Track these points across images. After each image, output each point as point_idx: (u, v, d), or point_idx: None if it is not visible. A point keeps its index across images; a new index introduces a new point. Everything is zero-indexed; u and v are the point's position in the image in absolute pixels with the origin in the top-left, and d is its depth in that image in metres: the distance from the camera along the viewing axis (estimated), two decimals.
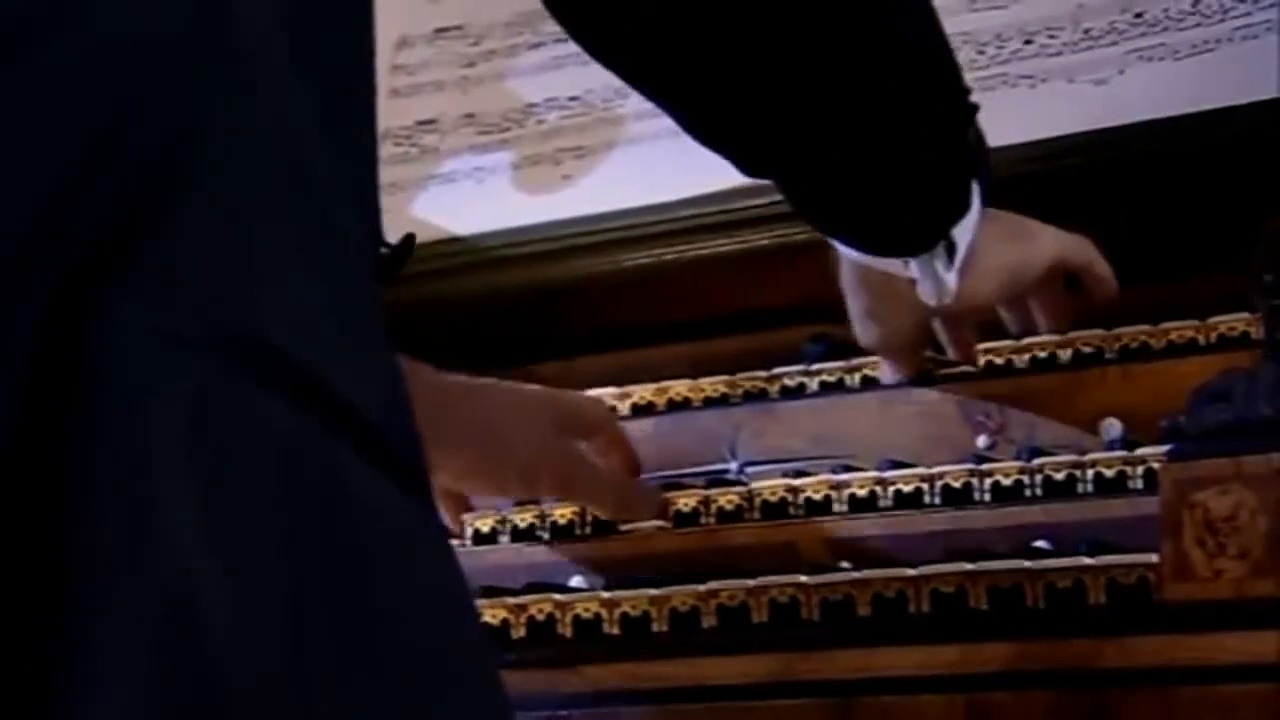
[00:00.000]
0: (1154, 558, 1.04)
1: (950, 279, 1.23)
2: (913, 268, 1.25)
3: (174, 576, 0.61)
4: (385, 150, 1.59)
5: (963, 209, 1.21)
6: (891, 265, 1.26)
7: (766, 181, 1.52)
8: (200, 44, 0.65)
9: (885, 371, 1.39)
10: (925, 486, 1.24)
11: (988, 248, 1.26)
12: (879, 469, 1.28)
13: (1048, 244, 1.32)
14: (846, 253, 1.29)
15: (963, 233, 1.22)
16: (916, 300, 1.27)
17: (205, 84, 0.65)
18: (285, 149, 0.67)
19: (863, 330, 1.36)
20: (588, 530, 1.33)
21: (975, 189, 1.22)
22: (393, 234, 0.82)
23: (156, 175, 0.63)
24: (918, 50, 1.16)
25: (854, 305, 1.35)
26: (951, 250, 1.23)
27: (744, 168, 1.19)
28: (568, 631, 1.20)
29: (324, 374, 0.66)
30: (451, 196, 1.66)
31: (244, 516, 0.63)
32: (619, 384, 1.47)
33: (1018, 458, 1.24)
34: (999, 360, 1.37)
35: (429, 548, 0.71)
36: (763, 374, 1.45)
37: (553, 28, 1.68)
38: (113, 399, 0.61)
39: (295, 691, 0.63)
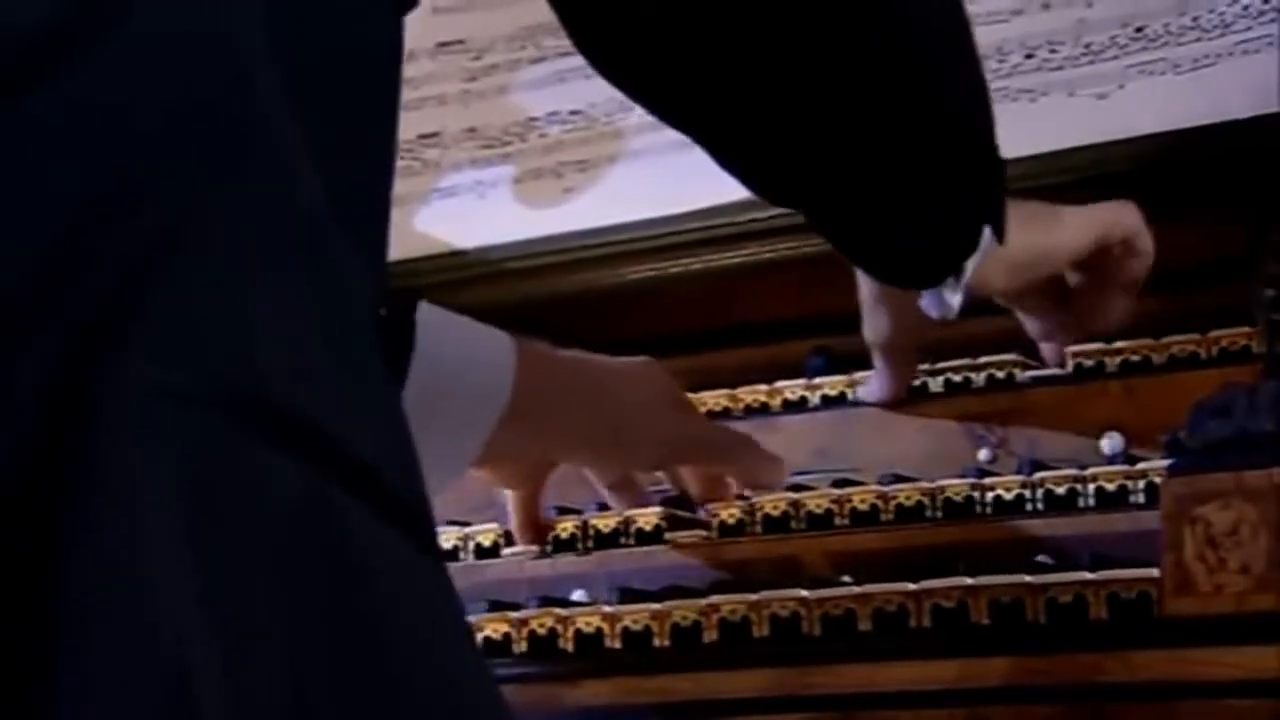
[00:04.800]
0: (1155, 572, 1.04)
1: (955, 301, 1.23)
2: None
3: (169, 660, 0.59)
4: None
5: (974, 247, 1.21)
6: None
7: None
8: (207, 99, 0.64)
9: (872, 387, 1.38)
10: (927, 500, 1.24)
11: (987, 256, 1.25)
12: (880, 482, 1.28)
13: (1073, 232, 1.29)
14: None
15: (972, 263, 1.22)
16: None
17: (210, 140, 0.64)
18: (287, 201, 0.66)
19: (872, 330, 1.35)
20: (589, 544, 1.33)
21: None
22: (395, 248, 0.82)
23: (160, 232, 0.62)
24: (956, 100, 1.15)
25: (867, 304, 1.34)
26: (959, 276, 1.23)
27: (761, 193, 1.21)
28: (569, 646, 1.20)
29: (328, 427, 0.65)
30: (453, 210, 1.66)
31: (244, 586, 0.62)
32: None
33: (1019, 471, 1.24)
34: (1000, 374, 1.37)
35: (440, 608, 0.69)
36: (764, 387, 1.45)
37: (555, 42, 1.68)
38: (111, 460, 0.60)
39: None
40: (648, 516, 1.31)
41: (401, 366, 1.04)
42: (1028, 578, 1.09)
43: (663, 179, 1.57)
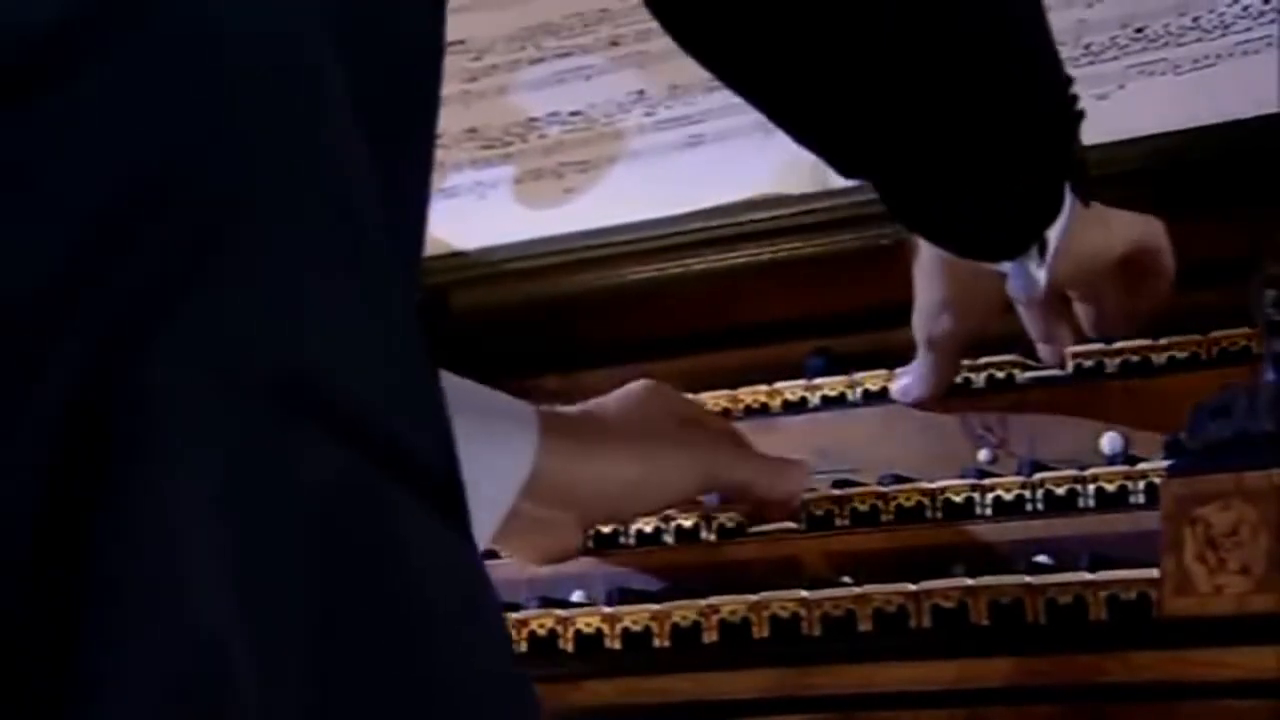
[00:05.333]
0: (1155, 573, 1.03)
1: (1041, 276, 1.23)
2: (1006, 265, 1.25)
3: (198, 653, 0.58)
4: None
5: (1058, 211, 1.21)
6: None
7: (768, 196, 1.53)
8: (260, 84, 0.64)
9: (905, 384, 1.37)
10: (927, 501, 1.24)
11: (1070, 238, 1.25)
12: (880, 483, 1.28)
13: (1122, 229, 1.30)
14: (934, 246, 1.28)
15: (1054, 231, 1.23)
16: (995, 293, 1.27)
17: (259, 127, 0.63)
18: (335, 192, 0.66)
19: (931, 322, 1.33)
20: (589, 544, 1.33)
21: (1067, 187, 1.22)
22: None
23: (203, 222, 0.61)
24: (1029, 50, 1.15)
25: (929, 295, 1.33)
26: (1044, 248, 1.23)
27: (837, 165, 1.19)
28: (569, 646, 1.20)
29: (372, 415, 0.64)
30: (454, 210, 1.66)
31: (277, 563, 0.61)
32: None
33: (1019, 472, 1.24)
34: (1000, 374, 1.37)
35: (476, 596, 0.68)
36: (764, 388, 1.45)
37: (555, 43, 1.68)
38: (147, 450, 0.59)
39: None
40: (646, 518, 1.31)
41: None
42: (1027, 578, 1.09)
43: (663, 180, 1.58)
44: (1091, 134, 1.32)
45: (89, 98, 0.60)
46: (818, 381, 1.43)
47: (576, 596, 1.29)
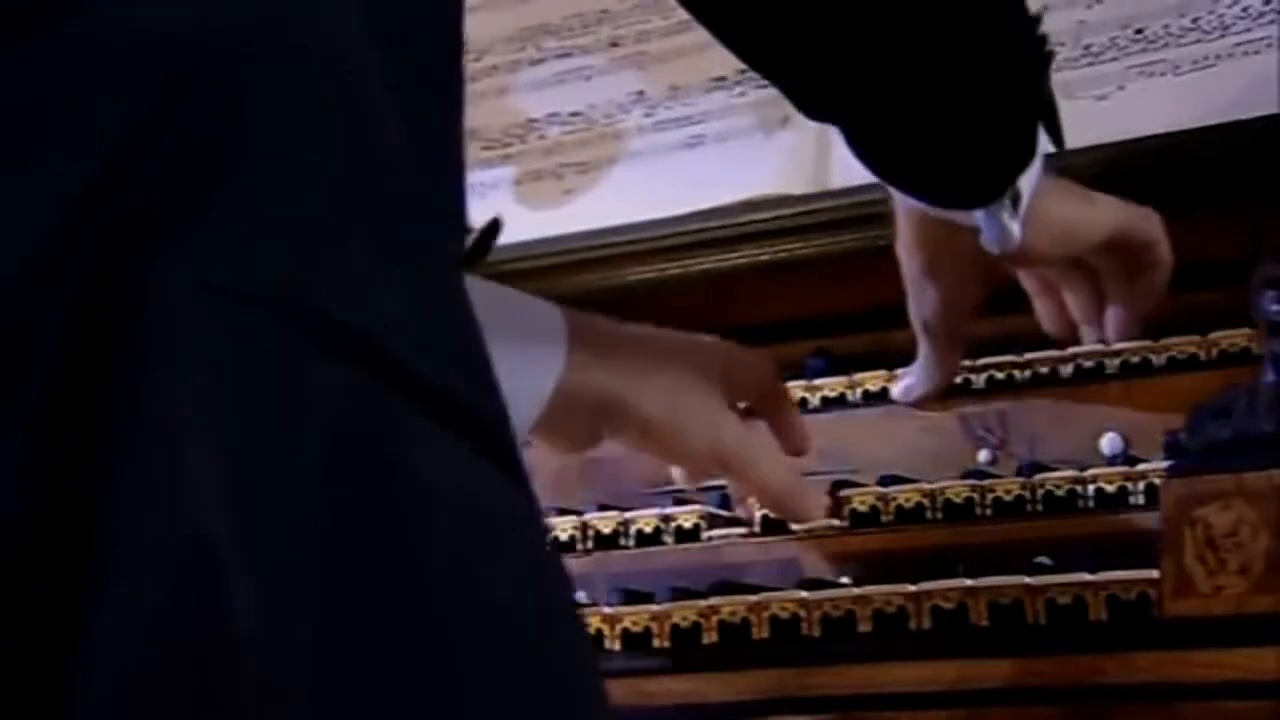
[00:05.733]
0: (1155, 573, 1.04)
1: (1015, 227, 1.23)
2: (978, 216, 1.24)
3: (191, 541, 0.58)
4: None
5: (1030, 156, 1.21)
6: (956, 215, 1.25)
7: (767, 196, 1.53)
8: (276, 8, 0.64)
9: (908, 384, 1.37)
10: (926, 501, 1.24)
11: (1048, 202, 1.24)
12: (880, 484, 1.28)
13: (1110, 210, 1.29)
14: (907, 205, 1.27)
15: (1027, 181, 1.22)
16: (976, 258, 1.26)
17: (276, 48, 0.64)
18: (358, 120, 0.66)
19: (917, 294, 1.32)
20: (589, 545, 1.33)
21: (1041, 135, 1.22)
22: None
23: (216, 138, 0.62)
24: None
25: (911, 265, 1.32)
26: (1016, 199, 1.22)
27: (804, 106, 1.18)
28: None
29: (390, 341, 0.64)
30: None
31: (282, 493, 0.61)
32: None
33: (1019, 473, 1.24)
34: (1000, 375, 1.37)
35: (515, 530, 0.67)
36: None
37: (555, 43, 1.68)
38: (154, 354, 0.60)
39: (317, 686, 0.60)
40: (647, 518, 1.31)
41: None
42: (1027, 579, 1.09)
43: (663, 181, 1.58)
44: (1092, 135, 1.32)
45: (112, 20, 0.61)
46: (818, 382, 1.43)
47: (577, 597, 1.29)
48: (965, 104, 1.16)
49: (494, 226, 1.05)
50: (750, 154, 1.54)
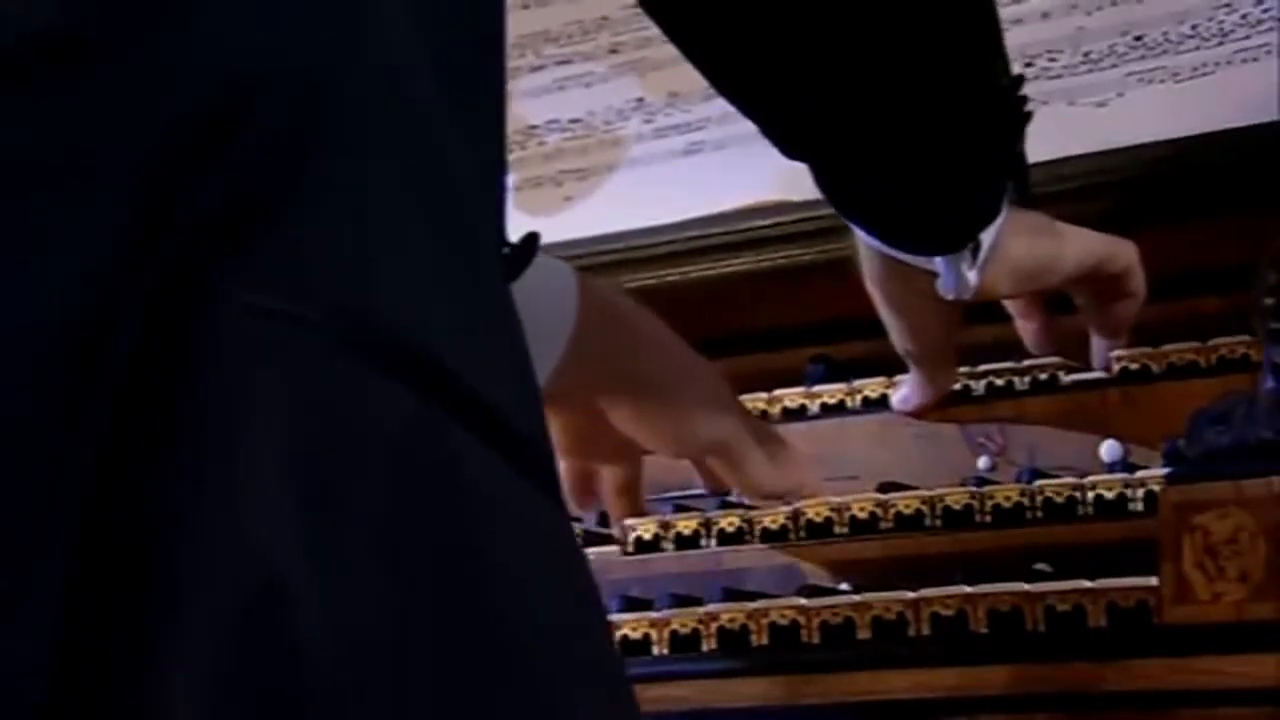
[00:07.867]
0: (1154, 580, 1.04)
1: (972, 276, 1.23)
2: (937, 263, 1.24)
3: (258, 574, 0.59)
4: None
5: (996, 213, 1.21)
6: (915, 259, 1.25)
7: (767, 203, 1.53)
8: (328, 25, 0.65)
9: (905, 394, 1.37)
10: (926, 509, 1.24)
11: (1010, 243, 1.24)
12: (879, 490, 1.28)
13: (1078, 244, 1.29)
14: (867, 241, 1.27)
15: (988, 234, 1.22)
16: (932, 296, 1.26)
17: (330, 65, 0.64)
18: (413, 133, 0.66)
19: (889, 325, 1.33)
20: (589, 552, 1.33)
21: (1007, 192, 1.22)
22: None
23: (275, 159, 0.62)
24: (974, 50, 1.16)
25: (876, 298, 1.32)
26: (977, 249, 1.22)
27: (779, 144, 1.19)
28: None
29: (446, 360, 0.65)
30: None
31: (346, 509, 0.62)
32: None
33: (1018, 480, 1.24)
34: (999, 382, 1.37)
35: (557, 545, 0.69)
36: (764, 395, 1.45)
37: (554, 50, 1.68)
38: (215, 381, 0.60)
39: (391, 701, 0.61)
40: (647, 525, 1.31)
41: None
42: (1027, 586, 1.09)
43: (663, 187, 1.58)
44: (1091, 142, 1.32)
45: (172, 41, 0.62)
46: (817, 389, 1.43)
47: None
48: (936, 159, 1.17)
49: (532, 240, 1.05)
50: (750, 161, 1.54)
